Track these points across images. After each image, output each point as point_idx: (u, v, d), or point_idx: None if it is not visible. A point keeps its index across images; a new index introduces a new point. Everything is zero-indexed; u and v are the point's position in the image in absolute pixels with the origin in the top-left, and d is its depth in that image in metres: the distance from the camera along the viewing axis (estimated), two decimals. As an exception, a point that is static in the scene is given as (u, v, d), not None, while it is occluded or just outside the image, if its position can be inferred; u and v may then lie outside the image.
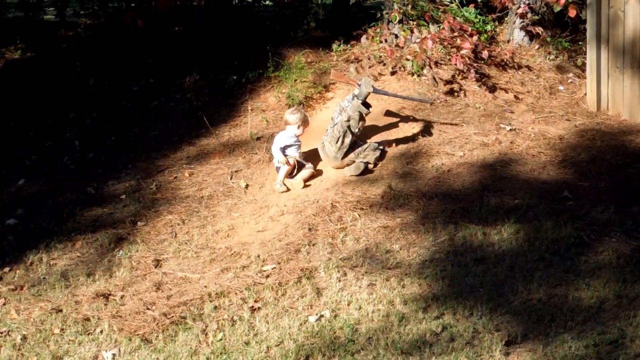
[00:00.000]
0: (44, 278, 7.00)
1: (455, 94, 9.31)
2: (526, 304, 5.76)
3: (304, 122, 8.38)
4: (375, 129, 8.70)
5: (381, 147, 8.22)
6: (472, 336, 5.43)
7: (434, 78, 9.40)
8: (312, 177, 8.21)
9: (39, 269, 7.19)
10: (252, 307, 6.06)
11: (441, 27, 9.79)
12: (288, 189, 8.08)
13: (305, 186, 8.05)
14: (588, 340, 5.23)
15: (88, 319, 6.11)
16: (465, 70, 9.41)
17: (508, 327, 5.48)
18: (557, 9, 9.74)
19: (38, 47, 12.08)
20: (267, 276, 6.50)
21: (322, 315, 5.85)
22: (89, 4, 12.88)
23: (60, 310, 6.29)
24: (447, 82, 9.41)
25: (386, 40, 9.96)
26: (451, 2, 10.29)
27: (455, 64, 9.35)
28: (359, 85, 8.33)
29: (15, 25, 12.88)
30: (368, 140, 8.40)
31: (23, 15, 13.13)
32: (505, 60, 9.84)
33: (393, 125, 8.78)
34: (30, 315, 6.26)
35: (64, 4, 13.06)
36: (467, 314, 5.68)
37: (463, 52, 9.49)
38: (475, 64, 9.54)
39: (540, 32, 10.07)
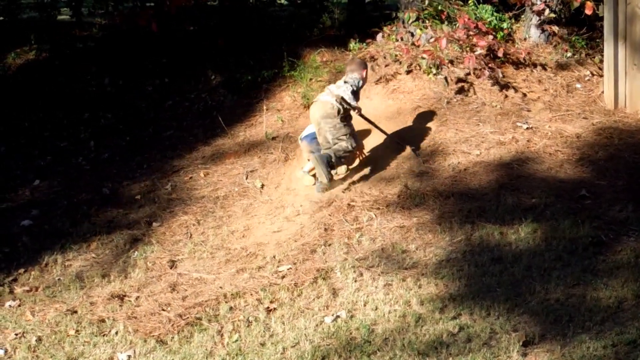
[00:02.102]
0: (58, 279, 7.00)
1: (471, 92, 9.25)
2: (544, 304, 5.71)
3: None
4: (390, 129, 8.66)
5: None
6: (489, 337, 5.39)
7: (449, 77, 9.34)
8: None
9: (53, 270, 7.19)
10: (268, 308, 6.03)
11: (456, 26, 9.73)
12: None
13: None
14: (606, 340, 5.17)
15: (103, 320, 6.10)
16: (480, 69, 9.35)
17: (525, 328, 5.43)
18: (574, 6, 9.67)
19: (53, 47, 12.10)
20: (283, 277, 6.47)
21: (338, 316, 5.82)
22: (103, 4, 12.87)
23: (75, 312, 6.28)
24: (463, 81, 9.35)
25: (402, 39, 9.92)
26: (467, 1, 10.24)
27: (469, 65, 9.29)
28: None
29: (30, 25, 12.90)
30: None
31: (37, 15, 13.14)
32: (521, 58, 9.77)
33: (407, 125, 8.75)
34: (45, 316, 6.25)
35: (79, 3, 13.07)
36: (484, 314, 5.64)
37: (477, 51, 9.43)
38: (490, 63, 9.47)
39: (555, 31, 10.00)
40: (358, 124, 8.30)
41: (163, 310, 6.17)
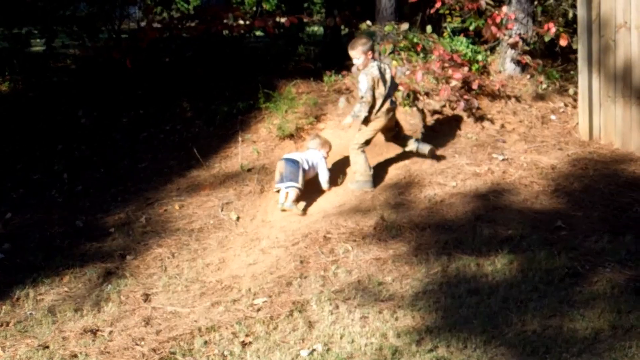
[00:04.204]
0: (30, 314, 6.88)
1: (447, 124, 9.28)
2: (520, 335, 5.68)
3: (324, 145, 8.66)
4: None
5: None
6: (467, 369, 5.35)
7: (424, 109, 9.37)
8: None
9: (25, 304, 7.07)
10: (243, 341, 5.96)
11: (431, 58, 9.78)
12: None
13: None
14: (584, 372, 5.16)
15: (75, 356, 5.99)
16: (455, 101, 9.39)
17: (503, 360, 5.40)
18: (548, 38, 9.76)
19: (26, 79, 12.04)
20: (259, 310, 6.40)
21: (314, 349, 5.75)
22: (78, 36, 12.83)
23: (47, 347, 6.16)
24: (438, 113, 9.38)
25: (377, 71, 9.94)
26: (442, 33, 10.31)
27: (444, 96, 9.33)
28: None
29: (3, 57, 12.83)
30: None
31: (9, 46, 13.07)
32: (496, 90, 9.83)
33: (383, 156, 8.74)
34: (16, 352, 6.13)
35: (52, 35, 13.01)
36: (461, 347, 5.60)
37: (453, 83, 9.48)
38: (466, 95, 9.52)
39: (529, 63, 10.07)
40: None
41: (137, 344, 6.07)
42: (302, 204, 8.16)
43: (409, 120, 9.27)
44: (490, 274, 6.58)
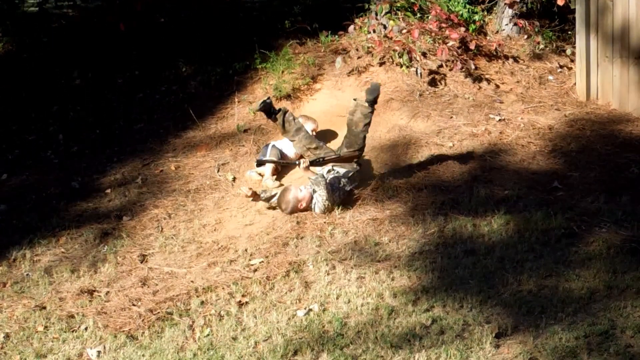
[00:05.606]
0: (27, 275, 6.89)
1: (444, 84, 9.24)
2: (516, 295, 5.70)
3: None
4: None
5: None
6: (462, 328, 5.37)
7: (421, 69, 9.32)
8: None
9: (22, 265, 7.08)
10: (240, 301, 5.98)
11: (428, 18, 9.72)
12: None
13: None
14: (578, 331, 5.17)
15: (72, 316, 6.02)
16: (452, 61, 9.34)
17: (498, 319, 5.41)
18: (546, -4, 9.70)
19: (20, 40, 11.94)
20: (255, 270, 6.42)
21: (310, 309, 5.78)
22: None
23: (44, 307, 6.19)
24: (435, 73, 9.34)
25: (374, 31, 9.88)
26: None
27: (442, 56, 9.27)
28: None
29: (-5, 17, 12.71)
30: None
31: (2, 6, 12.91)
32: (493, 50, 9.77)
33: (380, 117, 8.71)
34: (13, 312, 6.16)
35: (45, -5, 12.88)
36: (457, 306, 5.62)
37: (450, 43, 9.42)
38: (463, 55, 9.47)
39: (526, 25, 10.00)
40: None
41: (133, 305, 6.10)
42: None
43: (406, 80, 9.22)
44: (487, 235, 6.59)
